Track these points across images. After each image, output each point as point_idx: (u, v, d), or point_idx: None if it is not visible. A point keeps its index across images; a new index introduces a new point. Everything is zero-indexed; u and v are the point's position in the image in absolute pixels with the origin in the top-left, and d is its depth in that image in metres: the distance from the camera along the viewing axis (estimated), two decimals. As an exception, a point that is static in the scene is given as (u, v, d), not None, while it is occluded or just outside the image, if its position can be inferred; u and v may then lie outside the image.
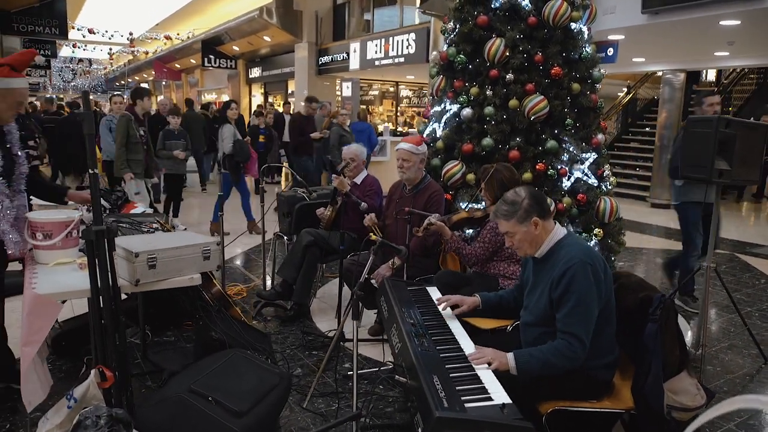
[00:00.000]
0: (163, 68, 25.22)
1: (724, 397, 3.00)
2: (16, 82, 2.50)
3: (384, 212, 3.73)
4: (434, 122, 4.18)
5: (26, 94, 2.60)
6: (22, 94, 2.55)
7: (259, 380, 2.41)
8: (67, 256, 2.61)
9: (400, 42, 11.45)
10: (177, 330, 3.61)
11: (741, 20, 5.69)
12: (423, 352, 1.84)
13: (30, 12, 11.34)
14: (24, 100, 2.58)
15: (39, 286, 2.28)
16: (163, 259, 2.41)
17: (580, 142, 3.84)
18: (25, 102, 2.61)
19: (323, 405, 2.76)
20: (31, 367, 2.24)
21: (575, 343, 1.87)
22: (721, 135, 2.95)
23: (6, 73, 2.46)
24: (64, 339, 3.23)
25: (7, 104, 2.50)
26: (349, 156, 3.93)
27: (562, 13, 3.65)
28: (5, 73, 2.46)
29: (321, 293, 4.48)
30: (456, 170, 3.77)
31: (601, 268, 1.96)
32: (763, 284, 5.22)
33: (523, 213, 2.01)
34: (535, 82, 3.70)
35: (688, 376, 1.99)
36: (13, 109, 2.54)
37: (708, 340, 3.80)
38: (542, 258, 2.07)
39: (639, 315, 2.04)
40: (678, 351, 1.97)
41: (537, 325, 2.04)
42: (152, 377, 2.99)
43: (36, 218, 2.57)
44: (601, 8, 6.54)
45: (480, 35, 3.84)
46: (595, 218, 3.80)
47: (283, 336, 3.62)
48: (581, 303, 1.88)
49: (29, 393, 2.22)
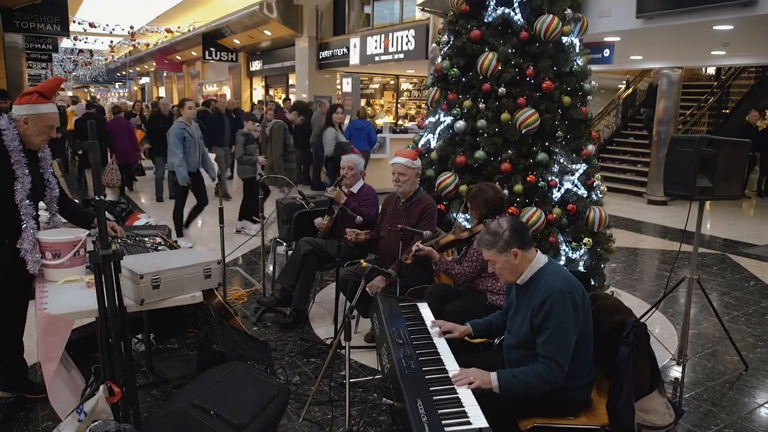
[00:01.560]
0: (165, 60, 25.25)
1: (702, 405, 3.14)
2: (46, 107, 2.66)
3: (378, 224, 3.85)
4: (429, 133, 4.29)
5: (56, 118, 2.74)
6: (52, 118, 2.69)
7: (258, 393, 2.55)
8: (75, 274, 2.75)
9: (399, 38, 11.50)
10: (180, 337, 3.76)
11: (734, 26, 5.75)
12: (409, 375, 1.98)
13: (31, 9, 11.39)
14: (55, 123, 2.72)
15: (50, 306, 2.42)
16: (167, 279, 2.54)
17: (571, 154, 3.94)
18: (56, 125, 2.74)
19: (320, 413, 2.91)
20: (56, 378, 2.39)
21: (554, 367, 2.00)
22: (703, 153, 3.06)
23: (35, 100, 2.62)
24: (72, 348, 3.36)
25: (39, 129, 2.65)
26: (347, 165, 4.04)
27: (553, 28, 3.74)
28: (34, 99, 2.62)
29: (320, 298, 4.62)
30: (449, 181, 3.89)
31: (579, 296, 2.08)
32: (752, 287, 5.34)
33: (503, 243, 2.14)
34: (527, 96, 3.80)
35: (659, 395, 2.12)
36: (45, 133, 2.69)
37: (692, 346, 3.93)
38: (524, 285, 2.19)
39: (613, 337, 2.16)
40: (649, 372, 2.10)
41: (519, 348, 2.17)
42: (157, 387, 3.13)
43: (45, 239, 2.70)
44: (597, 10, 6.62)
45: (473, 49, 3.93)
46: (585, 228, 3.91)
47: (282, 343, 3.76)
48: (559, 330, 2.01)
49: (59, 401, 2.39)
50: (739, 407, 3.13)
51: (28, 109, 2.60)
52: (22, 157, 2.61)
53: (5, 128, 2.59)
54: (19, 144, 2.61)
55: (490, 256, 2.18)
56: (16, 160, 2.59)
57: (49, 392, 2.34)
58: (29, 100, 2.61)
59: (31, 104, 2.60)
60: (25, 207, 2.62)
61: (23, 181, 2.61)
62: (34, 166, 2.72)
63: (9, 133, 2.59)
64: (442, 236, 3.05)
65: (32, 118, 2.61)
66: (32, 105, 2.60)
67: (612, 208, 9.16)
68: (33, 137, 2.64)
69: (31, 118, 2.60)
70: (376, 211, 3.99)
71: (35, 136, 2.64)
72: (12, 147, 2.58)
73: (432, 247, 3.00)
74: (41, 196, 2.80)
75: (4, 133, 2.58)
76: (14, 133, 2.59)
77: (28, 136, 2.63)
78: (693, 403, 3.15)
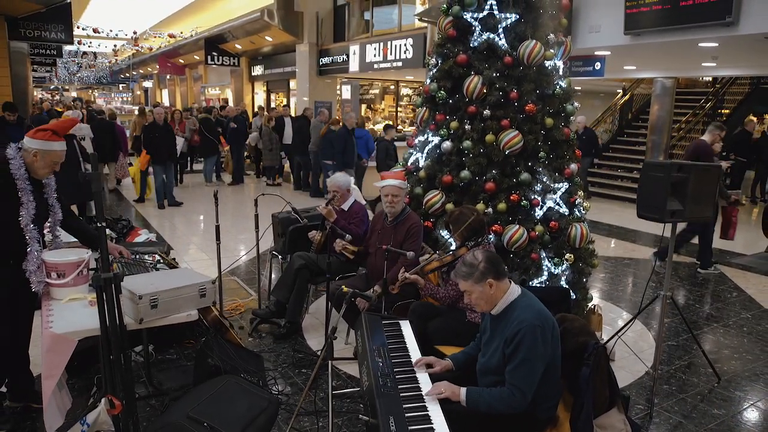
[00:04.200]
0: (168, 63, 25.49)
1: (673, 417, 3.30)
2: (56, 145, 2.85)
3: (367, 242, 4.02)
4: (418, 151, 4.46)
5: (63, 156, 2.92)
6: (59, 155, 2.88)
7: (249, 405, 2.72)
8: (79, 293, 2.93)
9: (398, 47, 11.67)
10: (179, 348, 3.94)
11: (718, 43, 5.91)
12: (385, 392, 2.15)
13: (36, 17, 11.61)
14: (60, 160, 2.90)
15: (55, 325, 2.60)
16: (164, 299, 2.72)
17: (553, 173, 4.11)
18: (61, 161, 2.92)
19: (308, 424, 3.09)
20: (51, 396, 2.56)
21: (518, 394, 2.17)
22: (674, 178, 3.22)
23: (48, 137, 2.81)
24: (76, 359, 3.54)
25: (45, 163, 2.83)
26: (333, 188, 4.21)
27: (536, 54, 3.90)
28: (48, 136, 2.81)
29: (313, 309, 4.79)
30: (436, 200, 4.06)
31: (549, 329, 2.24)
32: (735, 298, 5.49)
33: (479, 275, 2.30)
34: (510, 118, 3.97)
35: (617, 413, 2.29)
36: (49, 167, 2.87)
37: (669, 358, 4.09)
38: (498, 315, 2.36)
39: (577, 358, 2.33)
40: (608, 392, 2.27)
41: (491, 374, 2.34)
42: (156, 398, 3.31)
43: (50, 260, 2.88)
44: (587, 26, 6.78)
45: (459, 72, 4.10)
46: (567, 244, 4.08)
47: (276, 354, 3.94)
48: (527, 361, 2.18)
49: (50, 419, 2.55)
50: (707, 419, 3.29)
51: (40, 144, 2.78)
52: (27, 185, 2.79)
53: (12, 157, 2.78)
54: (25, 172, 2.79)
55: (466, 287, 2.33)
56: (22, 188, 2.78)
57: (44, 408, 2.50)
58: (43, 137, 2.79)
59: (44, 140, 2.79)
60: (30, 231, 2.80)
61: (28, 207, 2.79)
62: (39, 193, 2.90)
63: (15, 162, 2.77)
64: (427, 262, 3.23)
65: (41, 153, 2.79)
66: (45, 141, 2.79)
67: (607, 216, 9.34)
68: (39, 169, 2.83)
69: (40, 153, 2.79)
70: (366, 228, 4.16)
71: (40, 169, 2.83)
72: (18, 175, 2.77)
73: (417, 274, 3.18)
74: (45, 219, 2.99)
75: (11, 162, 2.76)
76: (20, 162, 2.78)
77: (34, 167, 2.81)
78: (663, 415, 3.32)
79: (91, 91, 42.55)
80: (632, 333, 4.30)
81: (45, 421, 2.52)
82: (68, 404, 2.89)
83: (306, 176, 10.93)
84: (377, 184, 3.92)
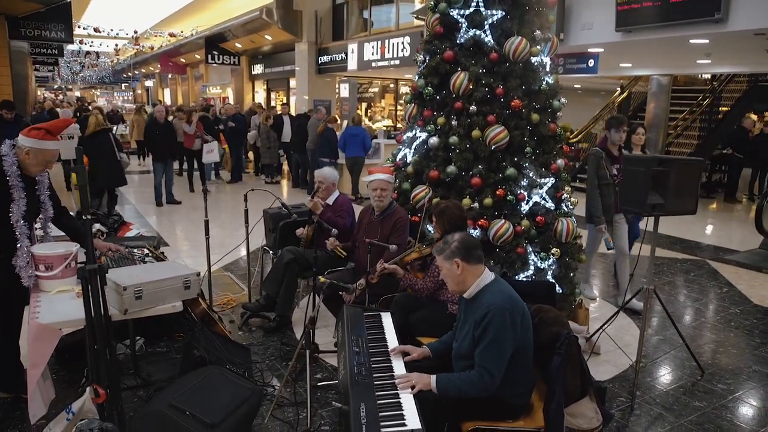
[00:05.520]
0: (169, 62, 25.60)
1: (653, 409, 3.34)
2: (50, 144, 2.91)
3: (354, 235, 4.07)
4: (406, 147, 4.50)
5: (56, 155, 2.98)
6: (52, 154, 2.94)
7: (232, 395, 2.78)
8: (67, 285, 2.98)
9: (395, 45, 11.71)
10: (169, 341, 3.99)
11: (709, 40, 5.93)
12: (359, 381, 2.20)
13: (36, 17, 11.70)
14: (53, 159, 2.96)
15: (41, 316, 2.65)
16: (148, 290, 2.77)
17: (540, 168, 4.14)
18: (54, 161, 2.97)
19: (292, 414, 3.14)
20: (36, 385, 2.62)
21: (486, 376, 2.21)
22: (654, 172, 3.25)
23: (42, 136, 2.87)
24: (66, 352, 3.61)
25: (38, 161, 2.89)
26: (318, 179, 4.26)
27: (521, 50, 3.94)
28: (41, 135, 2.87)
29: (304, 303, 4.84)
30: (423, 195, 4.10)
31: (519, 313, 2.29)
32: (724, 293, 5.52)
33: (449, 252, 2.36)
34: (497, 114, 4.01)
35: (589, 401, 2.33)
36: (42, 166, 2.94)
37: (655, 351, 4.13)
38: (471, 299, 2.40)
39: (550, 347, 2.37)
40: (579, 380, 2.31)
41: (463, 358, 2.38)
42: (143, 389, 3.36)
43: (39, 252, 2.93)
44: (579, 23, 6.80)
45: (446, 69, 4.14)
46: (553, 238, 4.11)
47: (265, 347, 3.99)
48: (495, 343, 2.22)
49: (34, 408, 2.61)
50: (688, 411, 3.32)
51: (33, 142, 2.84)
52: (18, 182, 2.85)
53: (5, 154, 2.84)
54: (17, 169, 2.85)
55: (438, 261, 2.44)
56: (13, 184, 2.83)
57: (29, 397, 2.56)
58: (37, 135, 2.86)
59: (37, 139, 2.85)
60: (20, 227, 2.86)
61: (19, 203, 2.85)
62: (31, 190, 2.96)
63: (8, 159, 2.83)
64: (406, 253, 3.27)
65: (34, 151, 2.85)
66: (38, 140, 2.85)
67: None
68: (31, 167, 2.89)
69: (33, 151, 2.85)
70: (352, 221, 4.20)
71: (33, 167, 2.89)
72: (10, 172, 2.83)
73: (396, 264, 3.22)
74: (36, 216, 3.04)
75: (3, 159, 2.82)
76: (13, 159, 2.84)
77: (26, 165, 2.87)
78: (644, 407, 3.35)
79: (93, 90, 42.73)
80: (619, 327, 4.33)
81: (29, 409, 2.58)
82: (52, 395, 2.95)
83: (304, 174, 10.99)
84: (366, 179, 3.97)
